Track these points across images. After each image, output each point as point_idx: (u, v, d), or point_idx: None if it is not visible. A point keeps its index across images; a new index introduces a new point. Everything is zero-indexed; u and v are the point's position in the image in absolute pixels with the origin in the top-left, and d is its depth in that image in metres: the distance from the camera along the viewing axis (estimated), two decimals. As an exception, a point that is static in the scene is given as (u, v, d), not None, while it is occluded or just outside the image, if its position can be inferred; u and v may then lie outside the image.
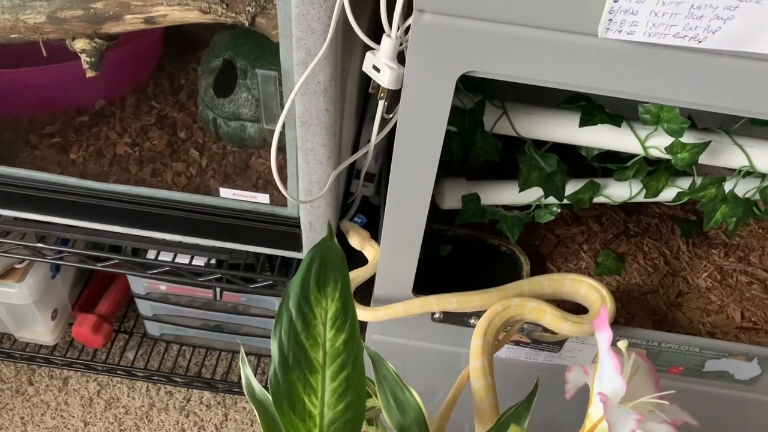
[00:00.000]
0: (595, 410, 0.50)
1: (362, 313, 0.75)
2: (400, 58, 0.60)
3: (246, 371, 0.61)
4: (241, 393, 0.92)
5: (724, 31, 0.49)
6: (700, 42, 0.50)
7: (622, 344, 0.52)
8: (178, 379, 1.16)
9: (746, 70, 0.52)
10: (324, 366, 0.46)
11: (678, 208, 1.00)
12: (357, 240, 0.81)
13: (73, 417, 1.13)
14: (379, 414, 0.58)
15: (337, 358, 0.46)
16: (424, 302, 0.75)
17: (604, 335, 0.48)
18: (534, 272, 0.86)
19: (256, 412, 0.59)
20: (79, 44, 0.72)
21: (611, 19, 0.50)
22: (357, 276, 0.77)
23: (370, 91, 0.61)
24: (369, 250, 0.79)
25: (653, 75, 0.53)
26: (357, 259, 0.82)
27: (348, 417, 0.46)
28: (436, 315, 0.79)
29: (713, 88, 0.53)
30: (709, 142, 0.69)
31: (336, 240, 0.49)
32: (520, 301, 0.73)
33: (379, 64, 0.59)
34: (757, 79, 0.52)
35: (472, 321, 0.79)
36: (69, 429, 1.12)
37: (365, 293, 0.81)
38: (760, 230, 0.98)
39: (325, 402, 0.46)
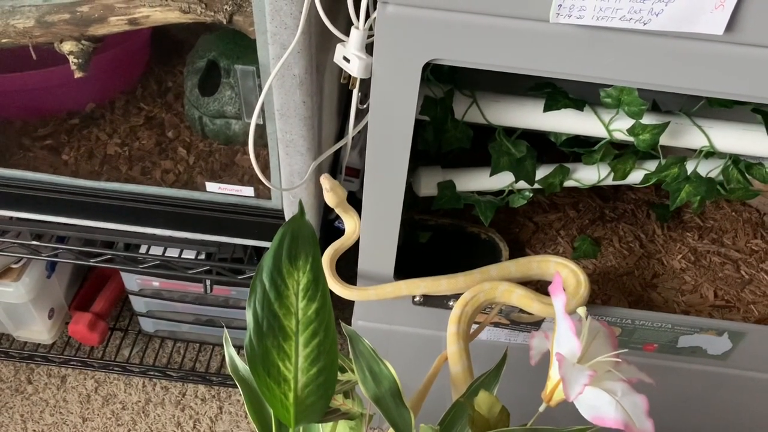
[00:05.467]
0: (554, 372, 0.53)
1: (337, 288, 0.78)
2: (369, 49, 0.63)
3: (230, 351, 0.64)
4: (236, 386, 0.95)
5: (667, 13, 0.53)
6: (645, 24, 0.54)
7: (582, 310, 0.55)
8: (173, 374, 1.19)
9: (690, 50, 0.55)
10: (297, 333, 0.49)
11: (653, 194, 1.03)
12: (333, 198, 0.78)
13: (72, 413, 1.16)
14: (355, 387, 0.61)
15: (309, 326, 0.49)
16: (395, 287, 0.78)
17: (559, 299, 0.52)
18: (513, 258, 0.89)
19: (240, 390, 0.62)
20: (67, 46, 0.76)
21: (561, 5, 0.53)
22: (338, 247, 0.80)
23: (341, 81, 0.65)
24: (346, 217, 0.80)
25: (604, 57, 0.56)
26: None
27: (321, 381, 0.50)
28: (417, 298, 0.82)
29: (661, 67, 0.56)
30: (668, 122, 0.72)
31: (307, 218, 0.52)
32: (508, 286, 0.75)
33: (349, 55, 0.63)
34: (700, 58, 0.55)
35: (451, 303, 0.82)
36: (68, 425, 1.15)
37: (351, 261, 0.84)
38: (733, 213, 1.01)
39: (299, 367, 0.49)
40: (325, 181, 0.77)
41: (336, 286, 0.78)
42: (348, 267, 0.84)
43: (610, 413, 0.49)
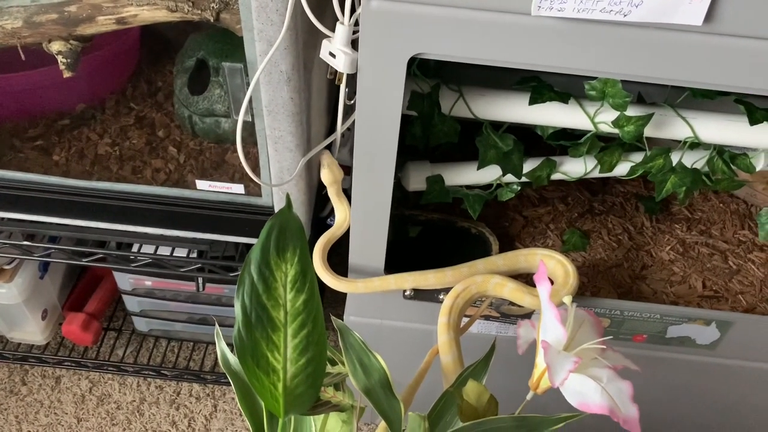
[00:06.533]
0: (541, 360, 0.54)
1: (328, 278, 0.78)
2: (356, 45, 0.64)
3: (221, 345, 0.65)
4: (230, 384, 0.96)
5: (646, 5, 0.54)
6: (625, 16, 0.54)
7: (567, 299, 0.56)
8: (168, 373, 1.19)
9: (670, 41, 0.56)
10: (285, 324, 0.49)
11: (642, 187, 1.04)
12: (328, 176, 0.80)
13: (67, 414, 1.16)
14: (346, 379, 0.61)
15: (297, 317, 0.50)
16: (383, 281, 0.79)
17: (543, 288, 0.52)
18: (503, 252, 0.90)
19: (231, 382, 0.62)
20: (56, 46, 0.76)
21: (542, -2, 0.54)
22: (330, 237, 0.80)
23: (328, 76, 0.65)
24: (338, 205, 0.80)
25: (585, 49, 0.57)
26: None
27: (309, 371, 0.50)
28: (407, 292, 0.82)
29: (642, 58, 0.57)
30: (652, 114, 0.73)
31: (296, 213, 0.53)
32: (499, 279, 0.76)
33: (335, 51, 0.63)
34: (681, 49, 0.56)
35: (441, 297, 0.82)
36: (63, 426, 1.15)
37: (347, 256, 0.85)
38: (721, 204, 1.02)
39: (288, 357, 0.50)
40: (324, 157, 0.78)
41: (326, 276, 0.79)
42: (343, 264, 0.85)
43: (595, 399, 0.50)
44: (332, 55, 0.64)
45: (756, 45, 0.54)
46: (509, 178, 0.83)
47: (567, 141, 0.80)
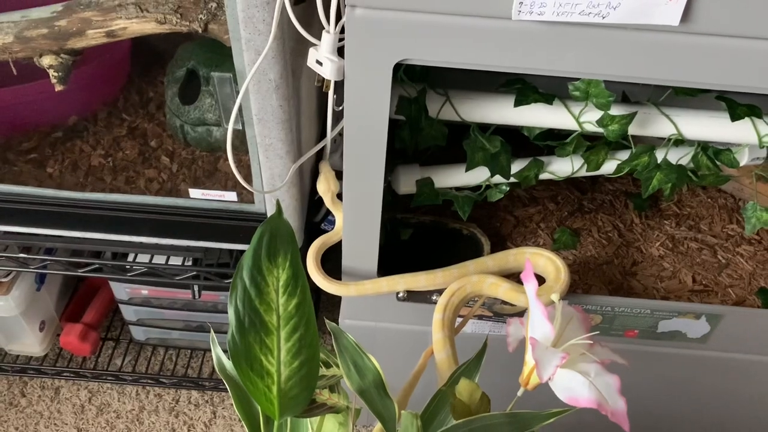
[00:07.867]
0: (529, 356, 0.55)
1: (320, 280, 0.79)
2: (341, 52, 0.65)
3: (217, 351, 0.66)
4: (228, 390, 0.97)
5: (624, 7, 0.55)
6: (603, 18, 0.55)
7: (555, 296, 0.57)
8: (166, 381, 1.20)
9: (649, 41, 0.57)
10: (278, 328, 0.50)
11: (630, 184, 1.05)
12: (322, 186, 0.83)
13: (66, 425, 1.17)
14: (340, 381, 0.62)
15: (290, 321, 0.51)
16: (375, 283, 0.79)
17: (530, 285, 0.53)
18: (495, 252, 0.91)
19: (227, 386, 0.63)
20: (47, 60, 0.77)
21: (522, 2, 0.55)
22: (325, 241, 0.81)
23: (315, 84, 0.66)
24: (336, 212, 0.82)
25: (566, 51, 0.58)
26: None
27: (303, 373, 0.51)
28: (401, 294, 0.83)
29: (622, 59, 0.58)
30: (635, 112, 0.74)
31: (287, 219, 0.54)
32: (494, 279, 0.77)
33: (321, 58, 0.64)
34: (659, 49, 0.57)
35: (434, 298, 0.83)
36: (63, 436, 1.16)
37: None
38: (709, 199, 1.04)
39: (281, 360, 0.51)
40: (323, 167, 0.81)
41: (319, 279, 0.79)
42: (339, 269, 0.86)
43: (583, 393, 0.51)
44: (319, 62, 0.65)
45: (731, 43, 0.56)
46: (498, 179, 0.84)
47: (553, 141, 0.81)
